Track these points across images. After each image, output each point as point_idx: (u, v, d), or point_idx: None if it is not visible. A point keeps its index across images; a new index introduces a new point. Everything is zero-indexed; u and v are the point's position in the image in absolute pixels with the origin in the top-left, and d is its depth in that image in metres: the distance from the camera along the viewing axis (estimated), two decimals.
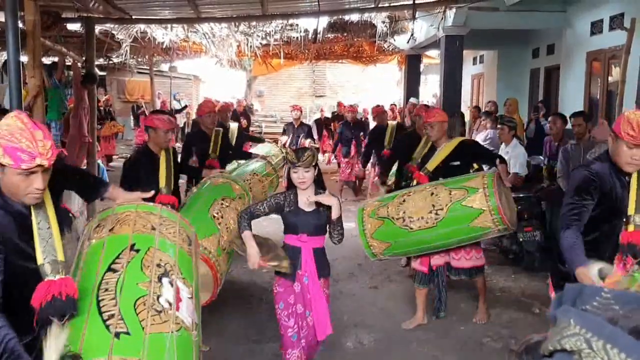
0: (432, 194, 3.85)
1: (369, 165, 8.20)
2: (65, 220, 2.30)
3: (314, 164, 2.98)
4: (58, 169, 2.20)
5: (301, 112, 9.35)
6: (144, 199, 2.52)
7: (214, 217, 3.85)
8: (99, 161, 8.78)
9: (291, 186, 3.09)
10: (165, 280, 2.04)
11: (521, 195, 5.41)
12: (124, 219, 2.27)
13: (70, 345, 1.74)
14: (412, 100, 10.03)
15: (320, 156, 13.64)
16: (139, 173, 3.83)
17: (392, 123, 7.61)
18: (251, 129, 16.03)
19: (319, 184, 3.09)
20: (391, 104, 11.66)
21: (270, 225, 5.75)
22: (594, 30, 7.71)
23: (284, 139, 8.74)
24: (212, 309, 3.78)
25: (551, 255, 2.95)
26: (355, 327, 4.34)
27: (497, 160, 4.26)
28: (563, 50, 8.71)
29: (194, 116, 13.29)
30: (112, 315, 1.84)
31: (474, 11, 7.99)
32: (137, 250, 2.10)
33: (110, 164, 11.83)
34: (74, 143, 7.01)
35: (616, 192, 2.56)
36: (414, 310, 4.62)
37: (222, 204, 3.97)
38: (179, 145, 13.15)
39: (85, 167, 7.16)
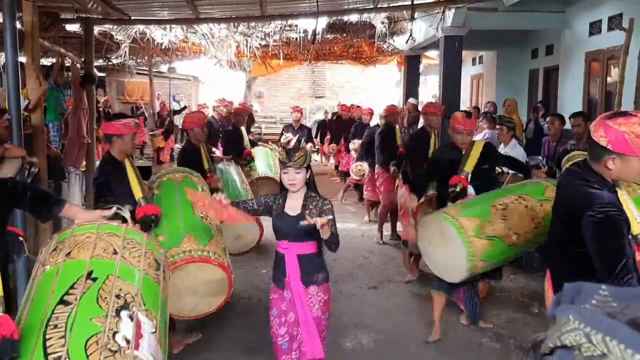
0: (526, 206, 3.67)
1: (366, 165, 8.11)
2: (13, 245, 2.10)
3: (305, 165, 2.85)
4: (7, 186, 2.05)
5: (302, 114, 9.28)
6: (111, 217, 2.30)
7: (202, 217, 3.61)
8: (99, 163, 8.80)
9: (284, 189, 2.96)
10: (124, 313, 1.85)
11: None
12: (82, 242, 2.09)
13: None
14: (411, 100, 10.00)
15: (317, 157, 13.65)
16: (110, 186, 3.48)
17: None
18: (252, 130, 16.06)
19: (312, 188, 2.96)
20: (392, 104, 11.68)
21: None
22: (592, 31, 7.72)
23: (289, 136, 8.62)
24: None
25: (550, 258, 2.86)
26: (354, 327, 4.34)
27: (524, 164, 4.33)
28: (562, 51, 8.71)
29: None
30: (59, 358, 1.63)
31: (472, 12, 7.99)
32: (94, 279, 1.92)
33: None
34: (73, 144, 7.00)
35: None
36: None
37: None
38: (178, 147, 13.22)
39: (84, 169, 7.18)
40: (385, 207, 6.79)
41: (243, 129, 7.12)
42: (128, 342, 1.76)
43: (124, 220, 2.54)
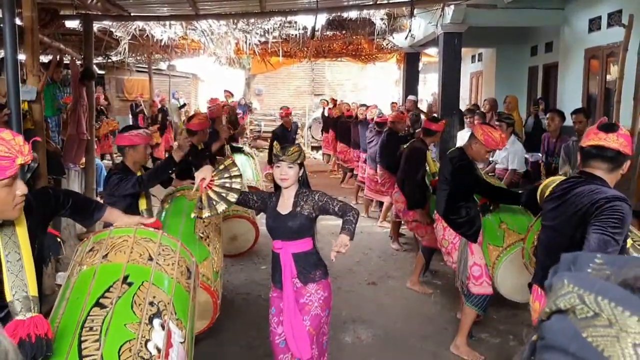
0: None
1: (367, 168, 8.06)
2: (52, 246, 2.09)
3: (299, 161, 2.83)
4: (50, 193, 2.05)
5: (290, 115, 8.96)
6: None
7: (201, 237, 3.66)
8: (98, 160, 8.81)
9: (277, 187, 2.93)
10: (156, 322, 1.86)
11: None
12: (119, 245, 2.12)
13: None
14: (411, 97, 10.01)
15: (316, 155, 13.65)
16: (121, 196, 3.45)
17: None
18: (250, 127, 16.04)
19: (304, 185, 2.93)
20: (392, 102, 11.65)
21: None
22: (592, 27, 7.71)
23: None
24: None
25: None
26: (353, 322, 4.37)
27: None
28: (561, 48, 8.71)
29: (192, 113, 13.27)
30: None
31: (472, 8, 7.99)
32: (130, 284, 1.93)
33: (107, 161, 11.90)
34: (73, 141, 7.00)
35: None
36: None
37: (203, 221, 3.69)
38: (175, 145, 13.17)
39: (83, 166, 7.19)
40: (390, 208, 6.79)
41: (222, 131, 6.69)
42: (159, 351, 1.76)
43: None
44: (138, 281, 1.95)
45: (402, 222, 6.26)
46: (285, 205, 2.85)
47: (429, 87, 17.07)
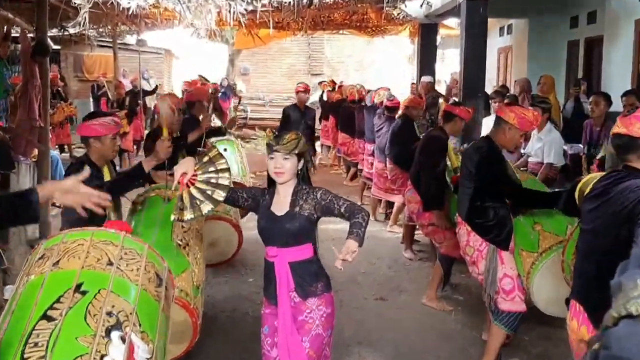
0: None
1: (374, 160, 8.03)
2: None
3: (297, 151, 2.79)
4: None
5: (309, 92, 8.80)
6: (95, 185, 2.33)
7: (179, 245, 3.66)
8: (53, 151, 8.79)
9: (272, 183, 2.92)
10: (115, 334, 1.87)
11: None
12: (73, 250, 2.13)
13: None
14: (425, 79, 10.00)
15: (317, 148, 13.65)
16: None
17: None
18: (236, 113, 15.98)
19: (304, 181, 2.91)
20: (412, 83, 11.59)
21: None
22: None
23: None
24: None
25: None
26: (358, 344, 4.37)
27: None
28: (607, 19, 8.71)
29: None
30: None
31: None
32: (84, 293, 1.95)
33: (64, 154, 11.84)
34: (23, 128, 6.99)
35: None
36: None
37: (182, 226, 3.74)
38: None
39: (35, 158, 7.18)
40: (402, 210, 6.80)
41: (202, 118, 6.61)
42: None
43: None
44: (94, 289, 1.97)
45: (417, 226, 6.23)
46: (281, 205, 2.84)
47: (448, 66, 17.00)
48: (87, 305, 1.90)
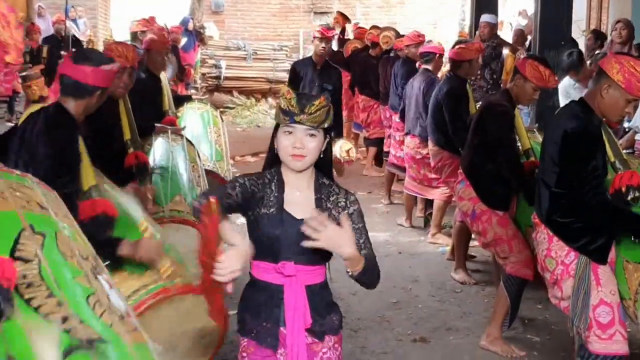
0: None
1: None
2: None
3: (326, 125, 2.59)
4: None
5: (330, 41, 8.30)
6: None
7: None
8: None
9: (273, 163, 2.71)
10: (101, 278, 2.11)
11: None
12: None
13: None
14: (486, 18, 10.02)
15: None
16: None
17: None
18: (203, 70, 15.96)
19: (324, 171, 2.75)
20: (460, 31, 11.71)
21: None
22: None
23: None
24: None
25: None
26: None
27: None
28: None
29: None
30: (66, 319, 1.85)
31: None
32: (42, 234, 2.08)
33: None
34: None
35: None
36: None
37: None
38: None
39: None
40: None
41: (164, 77, 6.67)
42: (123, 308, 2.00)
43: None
44: (50, 232, 2.11)
45: (472, 235, 5.94)
46: (299, 203, 2.65)
47: (515, 2, 17.11)
48: (56, 247, 2.06)
